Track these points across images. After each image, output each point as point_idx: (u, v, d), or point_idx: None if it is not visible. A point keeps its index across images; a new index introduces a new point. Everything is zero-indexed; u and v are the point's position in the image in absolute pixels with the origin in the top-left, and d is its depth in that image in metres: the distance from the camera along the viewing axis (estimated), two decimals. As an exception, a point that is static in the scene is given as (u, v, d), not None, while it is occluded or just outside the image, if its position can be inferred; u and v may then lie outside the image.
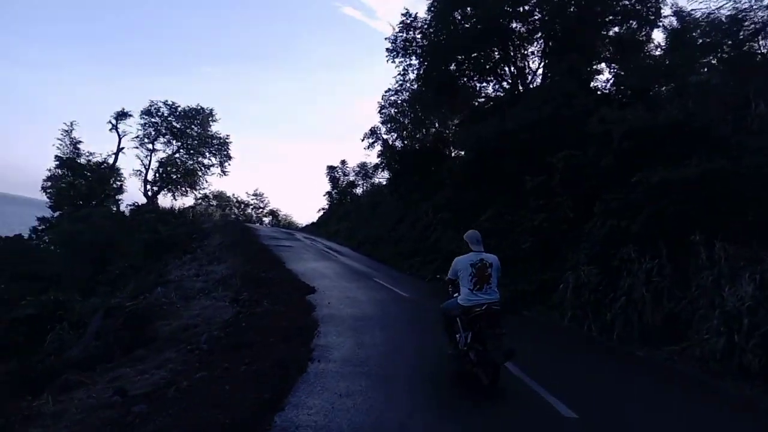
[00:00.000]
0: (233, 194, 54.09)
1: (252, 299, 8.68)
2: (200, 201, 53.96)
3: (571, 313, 10.91)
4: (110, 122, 36.10)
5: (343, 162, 44.18)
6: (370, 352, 7.48)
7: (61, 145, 33.64)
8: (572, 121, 15.73)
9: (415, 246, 21.36)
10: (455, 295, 6.85)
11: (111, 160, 35.55)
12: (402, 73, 26.10)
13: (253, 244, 19.68)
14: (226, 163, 41.98)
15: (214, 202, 53.63)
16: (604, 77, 21.47)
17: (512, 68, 24.37)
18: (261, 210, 53.18)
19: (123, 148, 36.34)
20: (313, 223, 43.01)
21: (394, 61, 25.84)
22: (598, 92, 20.08)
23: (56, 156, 34.74)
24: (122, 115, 36.34)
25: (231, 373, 5.95)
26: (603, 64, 22.03)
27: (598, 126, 13.46)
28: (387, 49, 25.85)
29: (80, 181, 34.58)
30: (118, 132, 36.27)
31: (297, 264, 15.98)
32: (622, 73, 19.41)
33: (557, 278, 12.05)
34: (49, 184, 35.04)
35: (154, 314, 8.11)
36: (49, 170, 34.96)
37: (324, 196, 45.04)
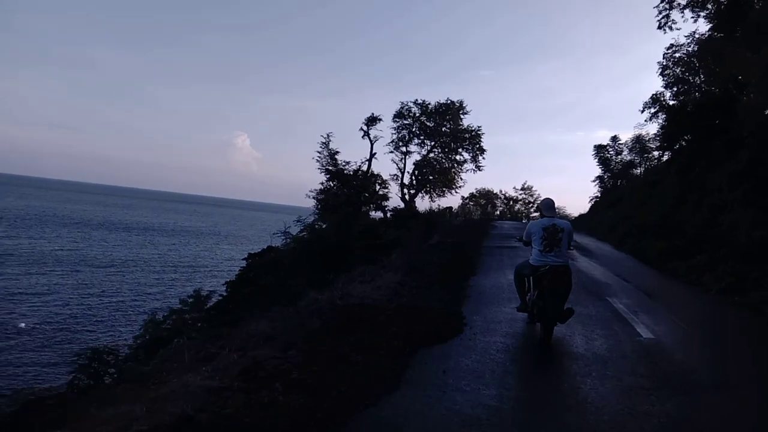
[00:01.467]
0: (500, 190, 51.13)
1: (278, 369, 4.69)
2: (466, 200, 52.57)
3: None
4: (362, 129, 36.49)
5: (614, 138, 37.20)
6: None
7: (320, 157, 35.15)
8: None
9: (697, 238, 14.78)
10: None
11: (365, 167, 35.92)
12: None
13: (467, 244, 16.10)
14: (480, 157, 38.82)
15: (482, 201, 51.45)
16: None
17: None
18: (530, 205, 48.86)
19: (375, 153, 36.36)
20: (581, 215, 36.99)
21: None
22: None
23: (327, 169, 36.50)
24: (372, 121, 36.35)
25: None
26: None
27: None
28: (642, -25, 19.39)
29: (344, 190, 35.85)
30: (369, 138, 36.38)
31: (493, 276, 11.19)
32: None
33: None
34: (322, 196, 37.03)
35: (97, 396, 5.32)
36: (321, 183, 36.89)
37: (593, 182, 38.71)
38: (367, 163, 36.20)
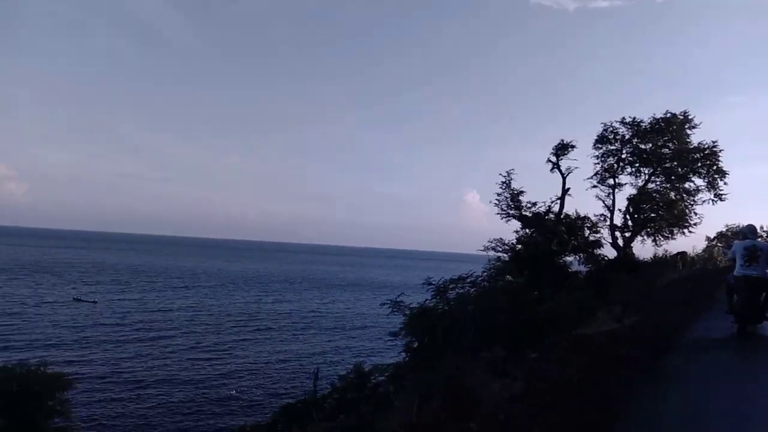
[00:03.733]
0: (762, 226, 37.79)
1: None
2: (713, 241, 40.25)
3: None
4: (550, 160, 29.85)
5: None
6: None
7: (498, 200, 29.82)
8: None
9: None
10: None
11: (556, 207, 29.30)
12: None
13: (664, 327, 9.13)
14: (719, 182, 28.55)
15: (733, 241, 38.75)
16: None
17: None
18: (808, 239, 34.84)
19: (569, 189, 29.35)
20: None
21: None
22: None
23: (521, 215, 30.99)
24: (563, 149, 29.18)
25: None
26: None
27: None
28: None
29: (536, 238, 29.85)
30: (560, 171, 29.17)
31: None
32: None
33: None
34: (516, 246, 31.47)
35: None
36: (516, 231, 31.49)
37: None
38: (558, 202, 29.59)
